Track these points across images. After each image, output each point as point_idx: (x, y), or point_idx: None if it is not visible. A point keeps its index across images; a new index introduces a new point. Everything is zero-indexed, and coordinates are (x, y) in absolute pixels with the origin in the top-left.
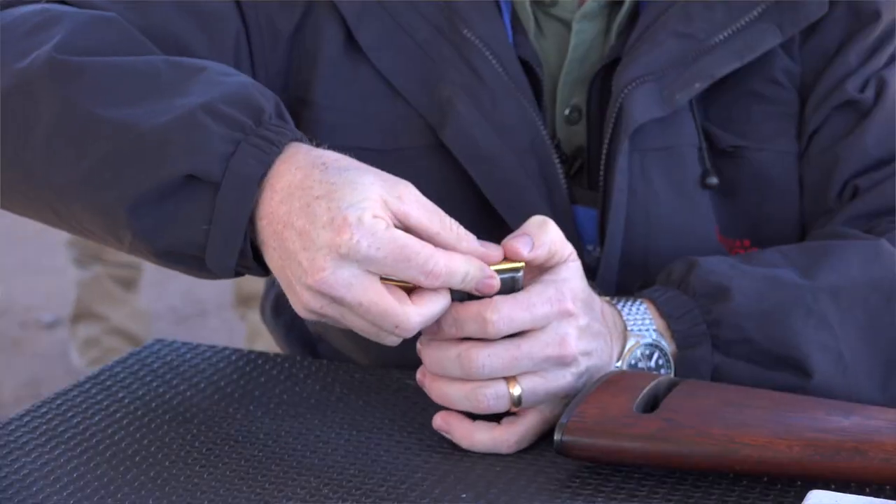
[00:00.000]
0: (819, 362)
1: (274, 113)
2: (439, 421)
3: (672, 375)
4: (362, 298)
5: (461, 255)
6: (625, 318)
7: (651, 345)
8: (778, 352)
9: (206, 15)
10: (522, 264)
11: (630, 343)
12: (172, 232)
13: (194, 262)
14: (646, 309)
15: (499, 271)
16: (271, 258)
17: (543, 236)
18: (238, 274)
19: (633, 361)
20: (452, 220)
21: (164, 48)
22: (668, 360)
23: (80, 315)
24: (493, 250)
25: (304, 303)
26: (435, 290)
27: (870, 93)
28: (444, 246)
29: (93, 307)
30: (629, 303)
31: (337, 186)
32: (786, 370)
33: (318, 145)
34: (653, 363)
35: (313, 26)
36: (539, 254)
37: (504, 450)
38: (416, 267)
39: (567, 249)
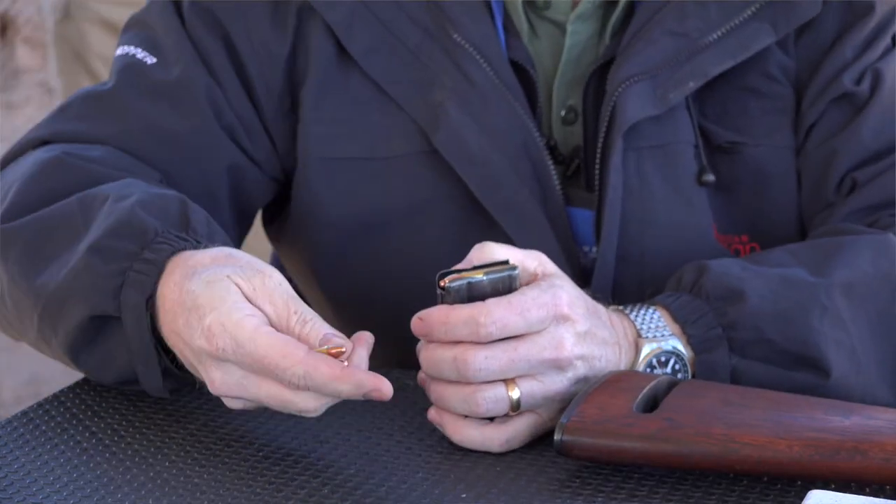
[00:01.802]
0: (836, 360)
1: (173, 221)
2: (433, 413)
3: (690, 379)
4: (259, 394)
5: (330, 370)
6: (638, 325)
7: (669, 351)
8: (797, 351)
9: (169, 90)
10: (517, 268)
11: (646, 350)
12: (110, 367)
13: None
14: (660, 316)
15: (495, 271)
16: (185, 362)
17: (484, 253)
18: (178, 389)
19: (648, 369)
20: (308, 314)
21: (143, 142)
22: (685, 366)
23: None
24: (366, 339)
25: (228, 405)
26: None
27: (866, 85)
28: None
29: None
30: (641, 310)
31: (197, 294)
32: (804, 369)
33: (209, 244)
34: (669, 369)
35: (305, 44)
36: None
37: (494, 448)
38: (282, 377)
39: (547, 264)
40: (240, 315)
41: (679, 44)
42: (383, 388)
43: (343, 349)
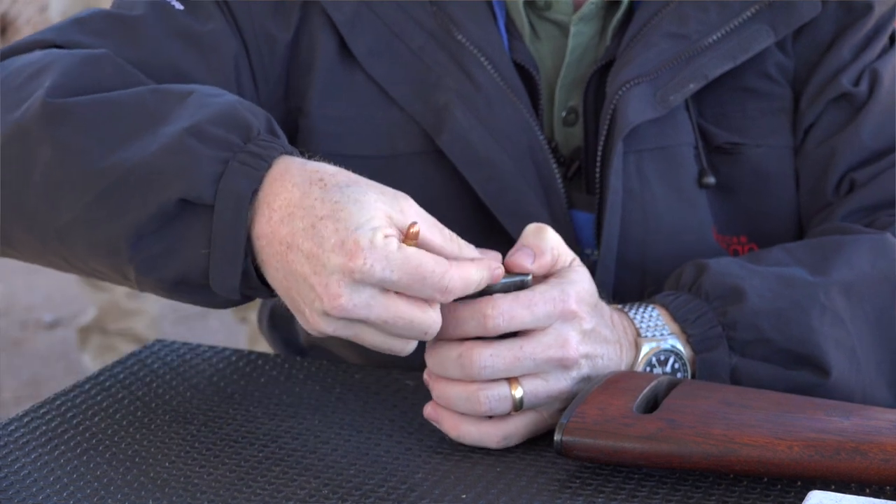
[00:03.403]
0: (836, 359)
1: (264, 129)
2: (429, 410)
3: (689, 379)
4: (385, 315)
5: (472, 264)
6: (637, 324)
7: (668, 350)
8: (796, 350)
9: (201, 38)
10: (530, 275)
11: (646, 349)
12: (174, 260)
13: (201, 291)
14: (658, 314)
15: (507, 276)
16: (275, 279)
17: (543, 243)
18: (247, 297)
19: (647, 368)
20: (451, 233)
21: (160, 78)
22: (684, 365)
23: (95, 328)
24: (494, 257)
25: (316, 327)
26: None
27: (864, 85)
28: (447, 257)
29: (108, 324)
30: (641, 309)
31: (341, 205)
32: (804, 368)
33: (311, 158)
34: (668, 368)
35: (308, 36)
36: (543, 262)
37: (491, 444)
38: (431, 285)
39: (569, 253)
40: (389, 235)
41: (679, 46)
42: (500, 269)
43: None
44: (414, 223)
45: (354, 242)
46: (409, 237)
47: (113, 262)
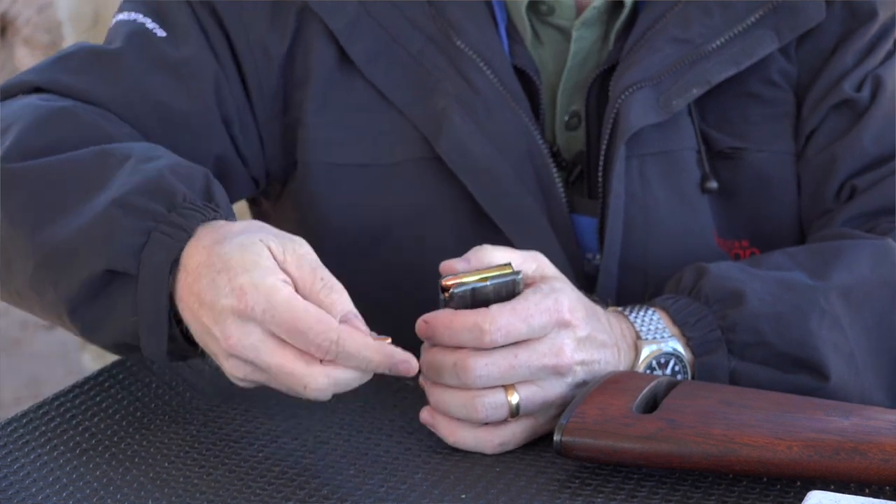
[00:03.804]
0: (835, 363)
1: (199, 190)
2: (425, 415)
3: (689, 380)
4: (269, 361)
5: (363, 339)
6: (637, 327)
7: (669, 353)
8: (795, 354)
9: (179, 66)
10: (521, 272)
11: (646, 352)
12: (109, 326)
13: (139, 351)
14: (659, 318)
15: (498, 276)
16: (196, 335)
17: (480, 253)
18: (179, 358)
19: (648, 371)
20: (329, 283)
21: (141, 111)
22: (685, 368)
23: None
24: (399, 353)
25: (230, 372)
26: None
27: (866, 92)
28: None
29: None
30: (641, 312)
31: (229, 255)
32: (803, 372)
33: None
34: (669, 371)
35: (305, 46)
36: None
37: (487, 450)
38: (308, 341)
39: (547, 267)
40: (273, 279)
41: (682, 51)
42: (412, 361)
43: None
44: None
45: (240, 287)
46: None
47: (62, 324)
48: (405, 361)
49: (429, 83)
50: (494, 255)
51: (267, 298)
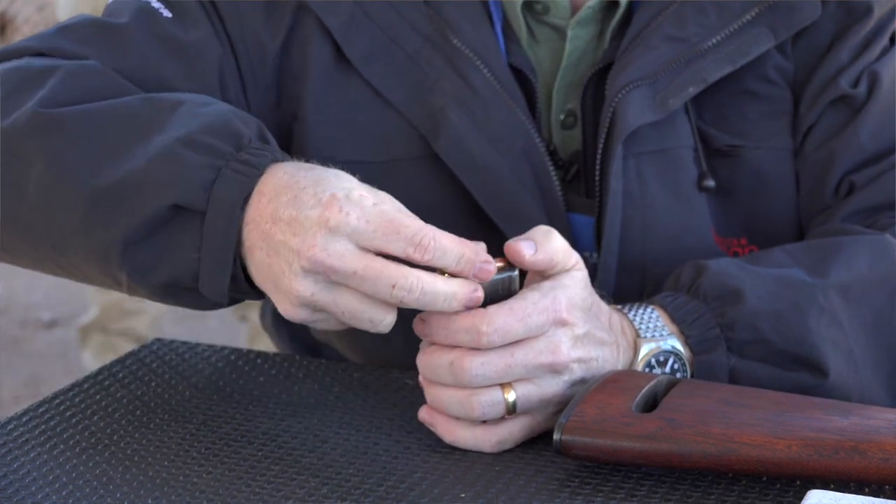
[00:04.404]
0: (834, 360)
1: (255, 137)
2: (424, 414)
3: (689, 379)
4: (356, 265)
5: (453, 236)
6: (637, 325)
7: (668, 351)
8: (794, 352)
9: (186, 47)
10: (517, 269)
11: (645, 350)
12: (165, 265)
13: (190, 294)
14: (658, 315)
15: (495, 273)
16: (259, 265)
17: (547, 244)
18: (234, 300)
19: (647, 369)
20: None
21: (144, 86)
22: (684, 366)
23: (95, 327)
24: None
25: (295, 293)
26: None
27: (863, 87)
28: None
29: (109, 324)
30: (640, 310)
31: (322, 178)
32: (802, 370)
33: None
34: (668, 369)
35: (301, 41)
36: (540, 259)
37: (486, 448)
38: (405, 238)
39: (571, 259)
40: (364, 191)
41: (678, 49)
42: (491, 266)
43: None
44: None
45: (331, 196)
46: None
47: (106, 269)
48: (488, 262)
49: (426, 82)
50: (558, 243)
51: (359, 205)
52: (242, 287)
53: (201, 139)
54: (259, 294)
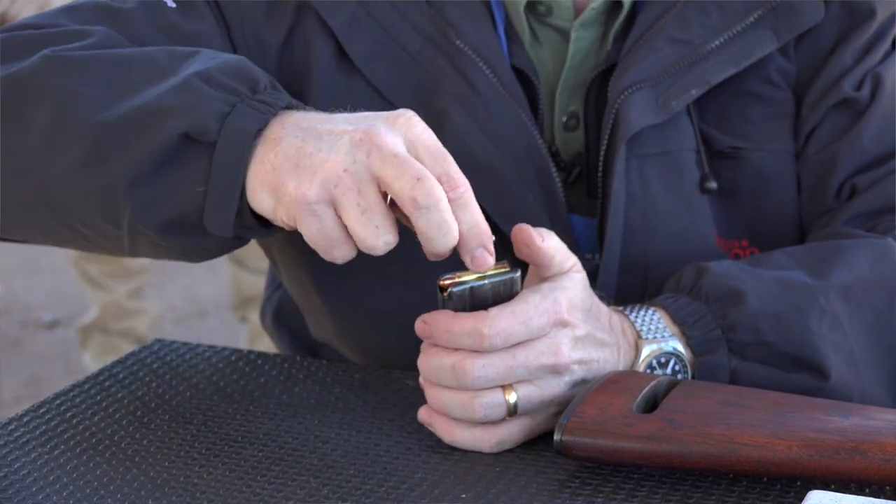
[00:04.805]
0: (835, 362)
1: (269, 85)
2: (423, 414)
3: (689, 379)
4: (401, 150)
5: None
6: (638, 327)
7: (669, 352)
8: (795, 353)
9: (189, 38)
10: (518, 270)
11: (646, 351)
12: (172, 199)
13: (193, 231)
14: (659, 317)
15: (496, 275)
16: (284, 150)
17: (549, 238)
18: (237, 239)
19: (648, 370)
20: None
21: None
22: (685, 367)
23: (96, 328)
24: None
25: (331, 163)
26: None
27: (866, 91)
28: None
29: (109, 324)
30: (641, 311)
31: (336, 114)
32: (803, 371)
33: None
34: (669, 370)
35: (303, 40)
36: (544, 248)
37: (485, 449)
38: (446, 169)
39: (570, 260)
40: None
41: (681, 51)
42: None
43: None
44: None
45: (396, 111)
46: None
47: (107, 208)
48: (492, 253)
49: (428, 83)
50: (558, 241)
51: (423, 124)
52: (249, 223)
53: (218, 77)
54: (264, 229)
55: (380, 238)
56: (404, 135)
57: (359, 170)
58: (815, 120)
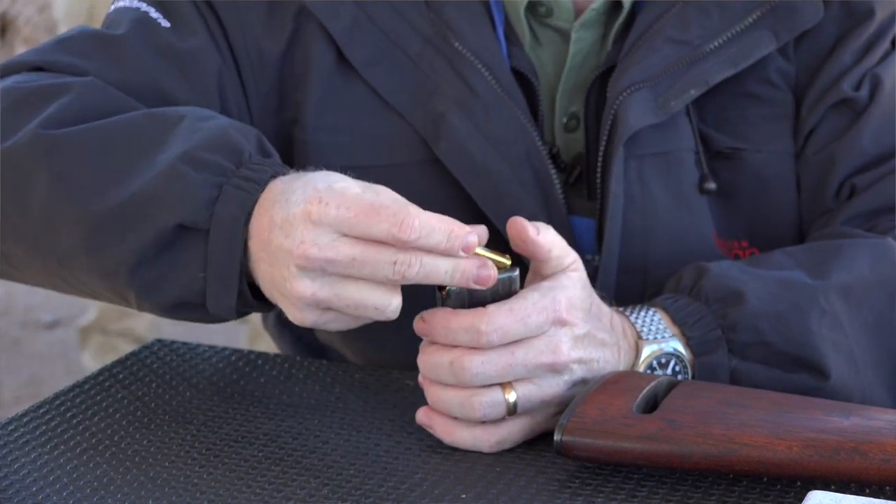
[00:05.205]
0: (835, 362)
1: (256, 150)
2: (422, 416)
3: (689, 379)
4: (352, 252)
5: (438, 215)
6: (638, 327)
7: (669, 353)
8: (795, 353)
9: (184, 57)
10: (517, 269)
11: (647, 352)
12: (172, 284)
13: (200, 310)
14: (659, 318)
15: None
16: (263, 275)
17: (547, 232)
18: (242, 314)
19: (648, 370)
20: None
21: (143, 97)
22: (685, 368)
23: (95, 328)
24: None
25: (296, 295)
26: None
27: (865, 91)
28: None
29: (109, 324)
30: (641, 312)
31: (311, 178)
32: (803, 371)
33: (303, 169)
34: (669, 371)
35: (302, 47)
36: (541, 242)
37: (485, 449)
38: (387, 219)
39: (569, 257)
40: (348, 183)
41: (680, 52)
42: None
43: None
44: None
45: (314, 190)
46: None
47: (113, 287)
48: (472, 233)
49: (428, 86)
50: (556, 236)
51: (341, 194)
52: (249, 301)
53: (202, 156)
54: (267, 306)
55: (385, 312)
56: (329, 221)
57: (324, 289)
58: (814, 120)
